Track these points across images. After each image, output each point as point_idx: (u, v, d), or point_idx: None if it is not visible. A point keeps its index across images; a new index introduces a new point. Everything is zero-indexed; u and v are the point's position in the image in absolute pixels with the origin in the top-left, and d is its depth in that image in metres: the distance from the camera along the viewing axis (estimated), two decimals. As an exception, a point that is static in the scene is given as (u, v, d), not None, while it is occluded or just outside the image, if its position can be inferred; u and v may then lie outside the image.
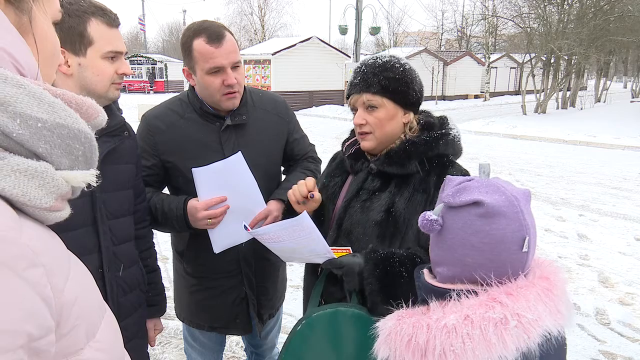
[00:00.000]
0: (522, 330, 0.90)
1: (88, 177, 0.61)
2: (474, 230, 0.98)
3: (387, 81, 1.48)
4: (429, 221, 1.03)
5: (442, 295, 1.02)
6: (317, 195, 1.58)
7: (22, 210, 0.55)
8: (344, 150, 1.70)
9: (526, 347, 0.90)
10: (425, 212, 1.05)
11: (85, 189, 0.62)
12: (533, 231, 1.01)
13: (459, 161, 1.58)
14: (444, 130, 1.53)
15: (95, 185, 0.62)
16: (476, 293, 0.97)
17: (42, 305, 0.50)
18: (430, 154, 1.50)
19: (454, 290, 1.00)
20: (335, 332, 1.42)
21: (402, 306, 1.41)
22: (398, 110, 1.51)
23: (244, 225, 1.54)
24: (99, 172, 0.63)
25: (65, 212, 0.61)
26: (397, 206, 1.46)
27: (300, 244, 1.46)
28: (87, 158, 0.62)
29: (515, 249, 0.97)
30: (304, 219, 1.37)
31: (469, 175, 1.49)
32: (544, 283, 0.98)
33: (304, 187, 1.55)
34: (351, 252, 1.47)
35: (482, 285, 0.98)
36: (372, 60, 1.53)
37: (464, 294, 0.97)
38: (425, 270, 1.14)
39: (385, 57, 1.54)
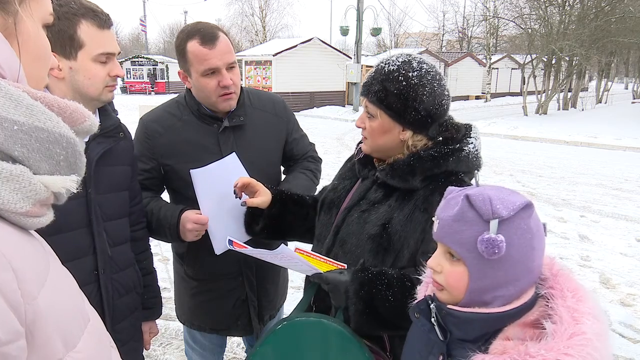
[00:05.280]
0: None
1: (68, 182, 0.59)
2: (532, 232, 0.93)
3: (384, 93, 1.37)
4: (501, 241, 0.90)
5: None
6: (252, 201, 1.63)
7: None
8: (355, 152, 1.63)
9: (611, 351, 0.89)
10: (487, 236, 0.90)
11: (66, 195, 0.61)
12: None
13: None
14: (457, 145, 1.40)
15: (77, 190, 0.60)
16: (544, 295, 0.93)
17: (9, 310, 0.49)
18: (436, 170, 1.38)
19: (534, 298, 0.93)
20: (313, 342, 1.38)
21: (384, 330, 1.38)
22: (394, 126, 1.40)
23: (229, 240, 1.54)
24: (80, 177, 0.62)
25: (46, 218, 0.59)
26: (394, 222, 1.39)
27: (284, 264, 1.49)
28: (70, 163, 0.60)
29: (544, 236, 0.97)
30: (284, 250, 1.35)
31: None
32: (573, 284, 0.96)
33: (241, 183, 1.63)
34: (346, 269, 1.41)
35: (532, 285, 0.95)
36: (382, 64, 1.41)
37: (543, 299, 0.93)
38: (460, 307, 0.97)
39: (396, 62, 1.39)
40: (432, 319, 1.02)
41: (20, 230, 0.57)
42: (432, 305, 1.02)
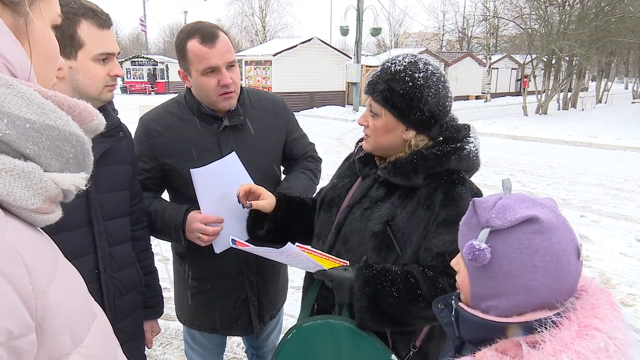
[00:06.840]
0: (620, 354, 0.84)
1: (77, 180, 0.60)
2: (534, 249, 0.89)
3: (390, 93, 1.38)
4: (481, 250, 0.90)
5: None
6: (257, 203, 1.62)
7: (9, 210, 0.55)
8: (355, 151, 1.64)
9: None
10: (469, 242, 0.93)
11: (75, 192, 0.61)
12: None
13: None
14: (459, 144, 1.43)
15: (85, 187, 0.61)
16: (553, 322, 0.86)
17: (22, 304, 0.50)
18: (439, 169, 1.40)
19: (539, 322, 0.87)
20: (324, 344, 1.40)
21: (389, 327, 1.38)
22: (398, 125, 1.41)
23: (232, 239, 1.54)
24: (88, 175, 0.62)
25: (55, 215, 0.60)
26: (397, 220, 1.40)
27: (288, 261, 1.49)
28: (79, 161, 0.61)
29: (574, 260, 0.91)
30: (289, 248, 1.36)
31: (480, 193, 1.41)
32: (605, 297, 0.93)
33: (243, 191, 1.63)
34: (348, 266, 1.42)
35: (551, 309, 0.89)
36: (389, 64, 1.43)
37: (543, 325, 0.86)
38: (466, 307, 0.99)
39: (403, 63, 1.40)
40: (452, 314, 1.05)
41: (30, 226, 0.58)
42: (453, 301, 1.05)
